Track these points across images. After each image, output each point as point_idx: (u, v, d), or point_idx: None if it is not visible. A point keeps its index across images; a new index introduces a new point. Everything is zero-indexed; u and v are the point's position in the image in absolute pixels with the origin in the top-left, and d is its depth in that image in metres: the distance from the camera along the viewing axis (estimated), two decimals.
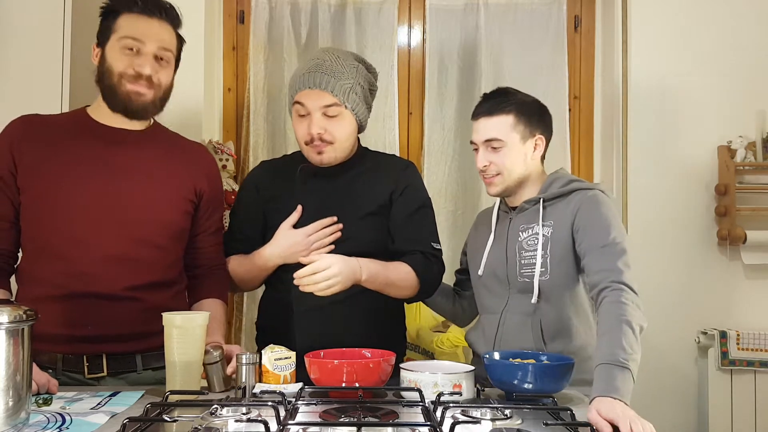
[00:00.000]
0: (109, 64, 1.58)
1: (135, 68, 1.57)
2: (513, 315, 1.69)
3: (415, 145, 2.74)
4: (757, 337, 2.47)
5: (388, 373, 1.47)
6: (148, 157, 1.64)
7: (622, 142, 2.59)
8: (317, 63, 1.72)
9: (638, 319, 1.42)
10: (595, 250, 1.57)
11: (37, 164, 1.56)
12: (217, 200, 1.78)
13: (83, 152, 1.58)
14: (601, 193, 1.68)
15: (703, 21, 2.57)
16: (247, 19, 2.72)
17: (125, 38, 1.57)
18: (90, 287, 1.53)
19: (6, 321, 1.12)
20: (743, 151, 2.52)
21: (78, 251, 1.54)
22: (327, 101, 1.69)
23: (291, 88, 1.76)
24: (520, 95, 1.76)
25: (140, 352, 1.60)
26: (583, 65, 2.78)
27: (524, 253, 1.70)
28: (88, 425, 1.20)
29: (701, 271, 2.56)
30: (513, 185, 1.74)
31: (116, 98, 1.59)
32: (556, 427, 1.19)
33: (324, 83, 1.69)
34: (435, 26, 2.73)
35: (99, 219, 1.55)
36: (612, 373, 1.30)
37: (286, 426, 1.13)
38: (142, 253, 1.58)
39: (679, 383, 2.55)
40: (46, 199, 1.54)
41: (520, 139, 1.71)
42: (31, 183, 1.55)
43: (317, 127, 1.70)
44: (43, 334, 1.47)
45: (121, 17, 1.59)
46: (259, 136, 2.67)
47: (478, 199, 2.67)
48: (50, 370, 1.53)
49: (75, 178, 1.55)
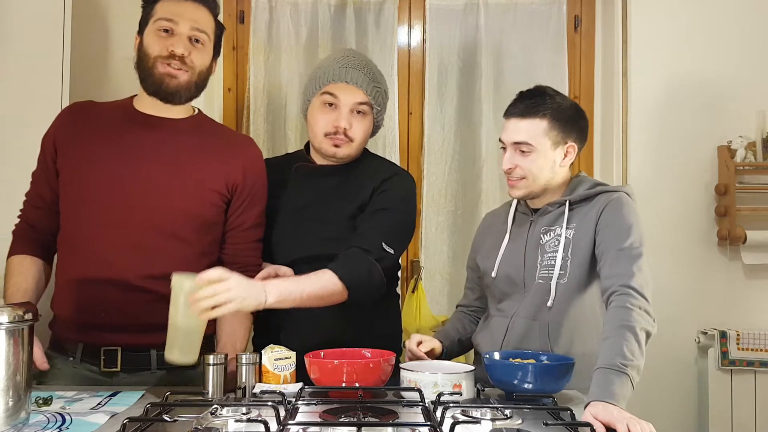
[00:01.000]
0: (145, 48, 1.60)
1: (168, 49, 1.58)
2: (522, 319, 1.65)
3: (415, 145, 2.74)
4: (757, 337, 2.47)
5: (388, 373, 1.47)
6: (179, 145, 1.63)
7: (622, 142, 2.59)
8: (353, 60, 1.74)
9: (644, 325, 1.40)
10: (611, 252, 1.54)
11: (70, 150, 1.60)
12: (256, 195, 1.71)
13: (113, 138, 1.61)
14: (626, 195, 1.64)
15: (703, 21, 2.57)
16: (247, 19, 2.71)
17: (160, 20, 1.59)
18: (107, 273, 1.55)
19: (6, 321, 1.13)
20: (743, 151, 2.52)
21: (98, 236, 1.56)
22: (360, 99, 1.72)
23: (319, 78, 1.76)
24: (558, 98, 1.67)
25: (155, 347, 1.58)
26: (583, 65, 2.78)
27: (545, 255, 1.65)
28: (88, 425, 1.20)
29: (701, 271, 2.56)
30: (537, 191, 1.68)
31: (151, 81, 1.60)
32: (556, 427, 1.19)
33: (360, 81, 1.71)
34: (435, 26, 2.73)
35: (119, 205, 1.56)
36: (609, 378, 1.30)
37: (286, 426, 1.13)
38: (161, 243, 1.57)
39: (679, 383, 2.55)
40: (73, 184, 1.59)
41: (552, 145, 1.64)
42: (64, 168, 1.60)
43: (346, 121, 1.71)
44: (65, 320, 1.57)
45: (159, 3, 1.61)
46: (259, 136, 2.67)
47: (478, 199, 2.66)
48: (70, 358, 1.57)
49: (100, 163, 1.57)
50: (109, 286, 1.54)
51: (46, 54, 2.07)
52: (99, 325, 1.56)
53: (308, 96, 1.80)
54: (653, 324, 1.44)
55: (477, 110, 2.69)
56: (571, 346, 1.61)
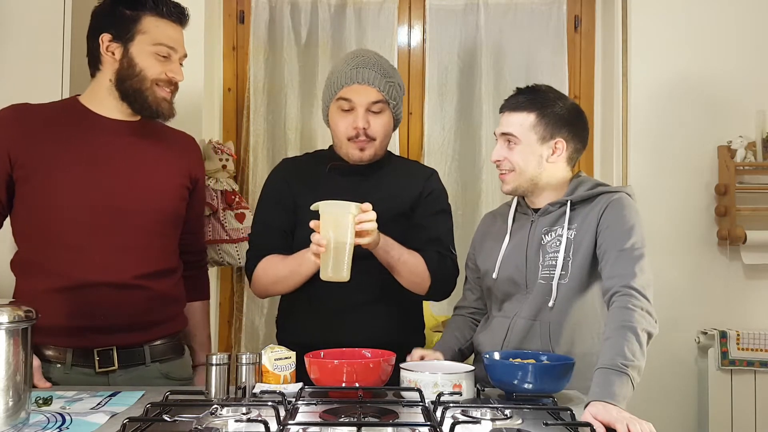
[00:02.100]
0: (141, 69, 1.59)
1: (168, 75, 1.61)
2: (523, 319, 1.65)
3: (415, 145, 2.74)
4: (757, 337, 2.47)
5: (388, 373, 1.47)
6: (145, 145, 1.66)
7: (622, 142, 2.59)
8: (363, 59, 1.75)
9: (645, 326, 1.40)
10: (613, 253, 1.54)
11: (36, 154, 1.55)
12: (203, 184, 1.89)
13: (84, 143, 1.59)
14: (627, 196, 1.65)
15: (703, 21, 2.57)
16: (247, 19, 2.71)
17: (159, 45, 1.59)
18: (99, 277, 1.55)
19: (6, 321, 1.12)
20: (743, 151, 2.52)
21: (84, 241, 1.55)
22: (373, 97, 1.72)
23: (333, 84, 1.76)
24: (552, 96, 1.70)
25: (147, 343, 1.63)
26: (583, 65, 2.78)
27: (546, 255, 1.65)
28: (88, 425, 1.20)
29: (701, 271, 2.56)
30: (526, 185, 1.69)
31: (145, 102, 1.61)
32: (556, 427, 1.19)
33: (371, 79, 1.71)
34: (435, 26, 2.73)
35: (100, 208, 1.56)
36: (609, 378, 1.30)
37: (286, 426, 1.13)
38: (148, 242, 1.62)
39: (679, 383, 2.55)
40: (49, 191, 1.55)
41: (538, 140, 1.66)
42: (30, 173, 1.55)
43: (363, 121, 1.71)
44: (51, 327, 1.50)
45: (146, 18, 1.58)
46: (259, 136, 2.67)
47: (478, 199, 2.67)
48: (58, 365, 1.55)
49: (72, 168, 1.56)
50: (103, 288, 1.55)
51: (46, 54, 2.07)
52: (92, 328, 1.55)
53: (326, 102, 1.80)
54: (655, 325, 1.44)
55: (477, 110, 2.69)
56: (572, 347, 1.61)
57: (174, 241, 1.72)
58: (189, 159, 1.76)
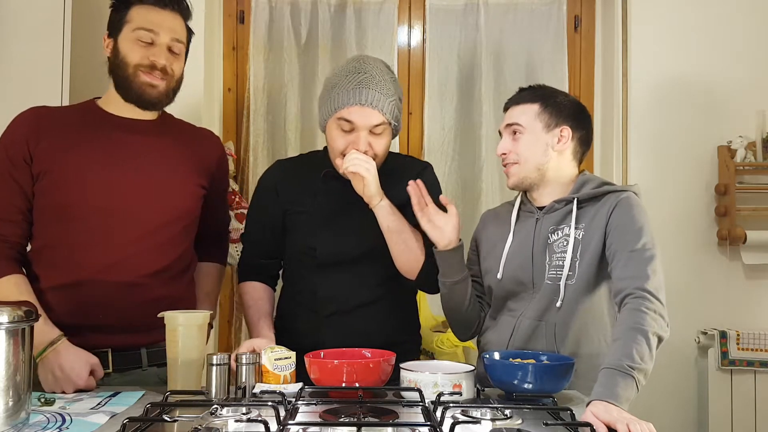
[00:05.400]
0: (123, 56, 1.59)
1: (150, 59, 1.58)
2: (528, 319, 1.63)
3: (415, 145, 2.74)
4: (757, 337, 2.47)
5: (388, 373, 1.47)
6: (161, 145, 1.65)
7: (622, 143, 2.59)
8: (364, 77, 1.67)
9: (657, 330, 1.39)
10: (624, 254, 1.52)
11: (53, 155, 1.56)
12: (225, 181, 1.90)
13: (99, 142, 1.59)
14: (634, 195, 1.63)
15: (703, 21, 2.57)
16: (247, 19, 2.72)
17: (139, 30, 1.58)
18: (104, 275, 1.54)
19: (6, 321, 1.12)
20: (743, 151, 2.52)
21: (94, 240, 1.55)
22: (376, 120, 1.65)
23: (332, 101, 1.68)
24: (555, 90, 1.72)
25: (145, 345, 1.62)
26: (583, 65, 2.78)
27: (553, 255, 1.63)
28: (88, 425, 1.20)
29: (701, 271, 2.56)
30: (532, 176, 1.67)
31: (131, 89, 1.60)
32: (556, 427, 1.19)
33: (374, 100, 1.64)
34: (435, 26, 2.74)
35: (118, 209, 1.56)
36: (614, 379, 1.29)
37: (286, 426, 1.13)
38: (156, 241, 1.60)
39: (679, 383, 2.55)
40: (64, 190, 1.55)
41: (543, 127, 1.65)
42: (47, 174, 1.56)
43: (364, 144, 1.66)
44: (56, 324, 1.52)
45: (133, 9, 1.60)
46: (259, 136, 2.67)
47: (478, 199, 2.67)
48: None
49: (90, 167, 1.56)
50: (108, 286, 1.54)
51: (46, 54, 2.08)
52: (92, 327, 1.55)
53: (324, 116, 1.73)
54: (666, 329, 1.42)
55: (477, 110, 2.69)
56: (578, 348, 1.59)
57: (186, 240, 1.69)
58: (208, 156, 1.75)
